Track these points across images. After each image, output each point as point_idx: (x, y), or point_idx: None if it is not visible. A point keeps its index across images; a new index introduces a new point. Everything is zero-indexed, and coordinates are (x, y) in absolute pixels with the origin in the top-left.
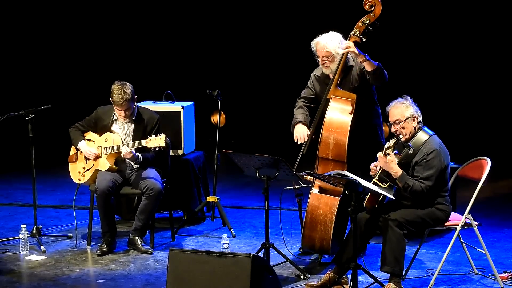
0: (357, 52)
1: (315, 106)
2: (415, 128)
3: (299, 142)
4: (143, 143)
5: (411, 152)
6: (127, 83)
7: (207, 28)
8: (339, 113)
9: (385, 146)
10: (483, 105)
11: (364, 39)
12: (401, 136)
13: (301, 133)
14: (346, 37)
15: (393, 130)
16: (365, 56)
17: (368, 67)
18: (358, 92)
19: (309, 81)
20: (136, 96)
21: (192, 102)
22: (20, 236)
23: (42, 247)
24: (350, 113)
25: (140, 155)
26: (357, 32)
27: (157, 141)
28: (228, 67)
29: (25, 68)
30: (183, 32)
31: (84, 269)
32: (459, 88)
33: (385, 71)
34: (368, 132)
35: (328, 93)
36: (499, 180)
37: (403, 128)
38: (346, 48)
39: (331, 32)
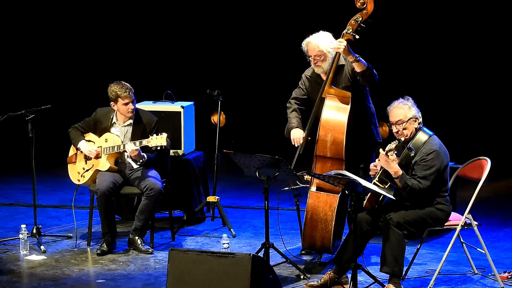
0: (348, 51)
1: (305, 108)
2: (415, 129)
3: (296, 145)
4: (145, 142)
5: (412, 154)
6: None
7: (207, 28)
8: (335, 111)
9: (387, 148)
10: (482, 105)
11: (357, 37)
12: (402, 138)
13: (297, 136)
14: (338, 36)
15: (394, 130)
16: (355, 56)
17: (357, 68)
18: (350, 90)
19: (300, 82)
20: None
21: (192, 102)
22: (20, 236)
23: (42, 247)
24: (346, 111)
25: (145, 155)
26: (350, 30)
27: (158, 140)
28: (228, 67)
29: (25, 68)
30: (183, 32)
31: (84, 269)
32: (458, 88)
33: (375, 72)
34: (362, 130)
35: (323, 92)
36: (499, 180)
37: (405, 129)
38: (337, 46)
39: (321, 32)
